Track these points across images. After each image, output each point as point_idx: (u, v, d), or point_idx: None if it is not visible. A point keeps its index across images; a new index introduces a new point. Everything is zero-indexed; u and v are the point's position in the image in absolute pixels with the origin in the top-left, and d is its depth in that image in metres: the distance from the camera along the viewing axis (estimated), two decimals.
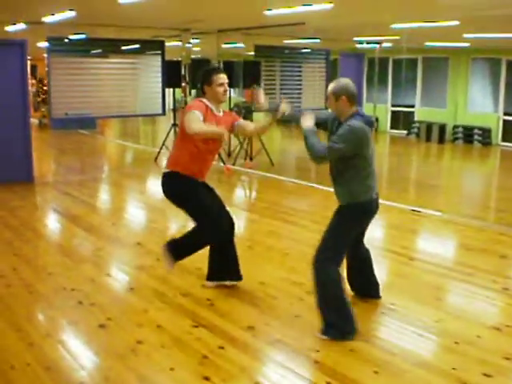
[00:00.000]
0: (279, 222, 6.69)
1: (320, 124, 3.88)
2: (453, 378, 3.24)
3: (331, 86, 3.70)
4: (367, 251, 4.23)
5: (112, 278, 4.55)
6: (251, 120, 10.92)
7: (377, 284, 4.32)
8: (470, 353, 3.54)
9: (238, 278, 4.53)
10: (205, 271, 4.58)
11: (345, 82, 3.71)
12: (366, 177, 3.70)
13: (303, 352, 3.54)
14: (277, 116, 4.05)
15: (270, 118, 4.16)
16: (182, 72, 11.00)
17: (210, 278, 4.55)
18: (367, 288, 4.31)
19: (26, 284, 4.62)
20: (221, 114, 4.21)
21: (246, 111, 12.84)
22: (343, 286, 3.74)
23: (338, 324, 3.71)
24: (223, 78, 4.11)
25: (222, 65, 11.48)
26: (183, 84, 11.38)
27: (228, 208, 4.49)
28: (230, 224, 4.42)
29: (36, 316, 4.12)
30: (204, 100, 4.10)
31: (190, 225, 4.45)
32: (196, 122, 3.84)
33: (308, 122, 3.77)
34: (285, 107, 4.02)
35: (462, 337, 3.75)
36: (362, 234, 4.10)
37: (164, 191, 4.24)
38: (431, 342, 3.74)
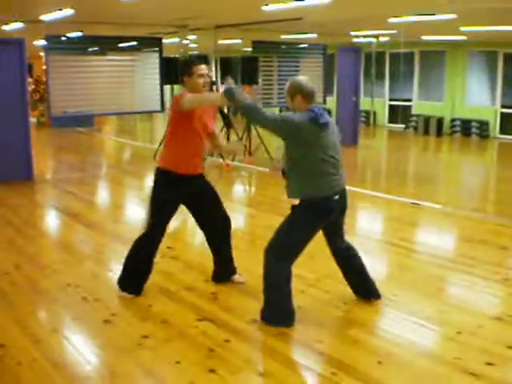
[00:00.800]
0: (279, 216, 6.65)
1: None
2: (456, 366, 3.28)
3: (286, 85, 3.72)
4: (351, 250, 4.10)
5: (115, 274, 4.56)
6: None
7: (372, 283, 4.17)
8: (472, 342, 3.57)
9: (233, 274, 4.57)
10: (207, 266, 4.61)
11: (299, 80, 3.69)
12: (319, 175, 3.69)
13: (307, 343, 3.57)
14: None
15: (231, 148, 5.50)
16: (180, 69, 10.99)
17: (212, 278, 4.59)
18: (364, 289, 4.18)
19: (30, 281, 4.64)
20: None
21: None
22: (288, 283, 3.78)
23: (276, 315, 3.80)
24: (203, 69, 4.02)
25: (219, 61, 11.45)
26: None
27: (225, 204, 4.49)
28: (227, 224, 4.43)
29: (41, 312, 4.15)
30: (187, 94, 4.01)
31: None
32: (189, 97, 3.87)
33: (243, 95, 3.63)
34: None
35: (465, 327, 3.78)
36: (338, 235, 4.01)
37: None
38: (434, 333, 3.77)
